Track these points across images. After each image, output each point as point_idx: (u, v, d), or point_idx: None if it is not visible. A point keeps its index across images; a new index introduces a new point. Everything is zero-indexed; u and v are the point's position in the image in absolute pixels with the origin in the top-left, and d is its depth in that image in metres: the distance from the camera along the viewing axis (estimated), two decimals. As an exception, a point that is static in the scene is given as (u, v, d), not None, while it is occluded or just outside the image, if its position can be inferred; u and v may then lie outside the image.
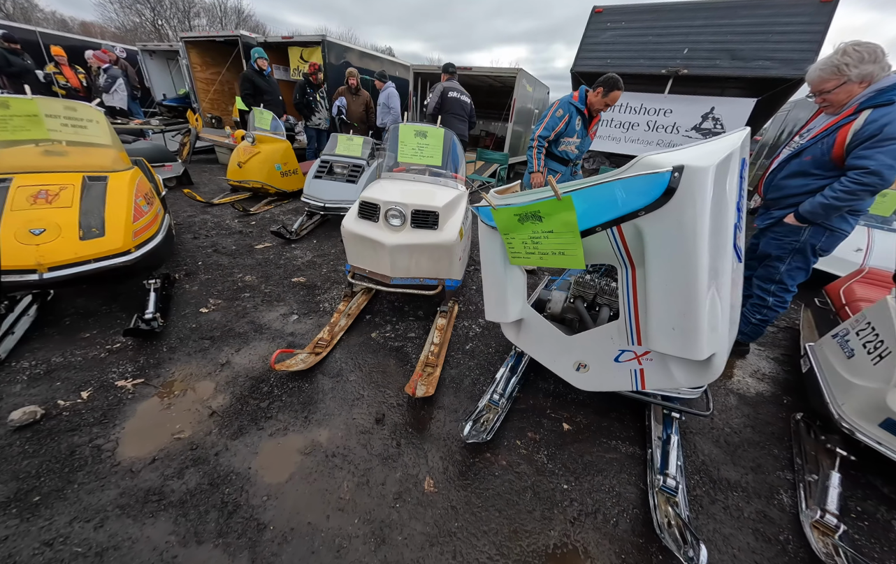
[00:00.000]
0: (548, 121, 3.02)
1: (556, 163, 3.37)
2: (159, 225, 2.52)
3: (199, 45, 9.50)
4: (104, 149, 2.54)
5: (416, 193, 2.38)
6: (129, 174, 2.50)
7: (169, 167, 5.30)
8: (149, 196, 2.60)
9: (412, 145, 2.68)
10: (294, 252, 3.64)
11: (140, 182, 2.55)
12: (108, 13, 31.63)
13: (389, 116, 6.64)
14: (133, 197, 2.34)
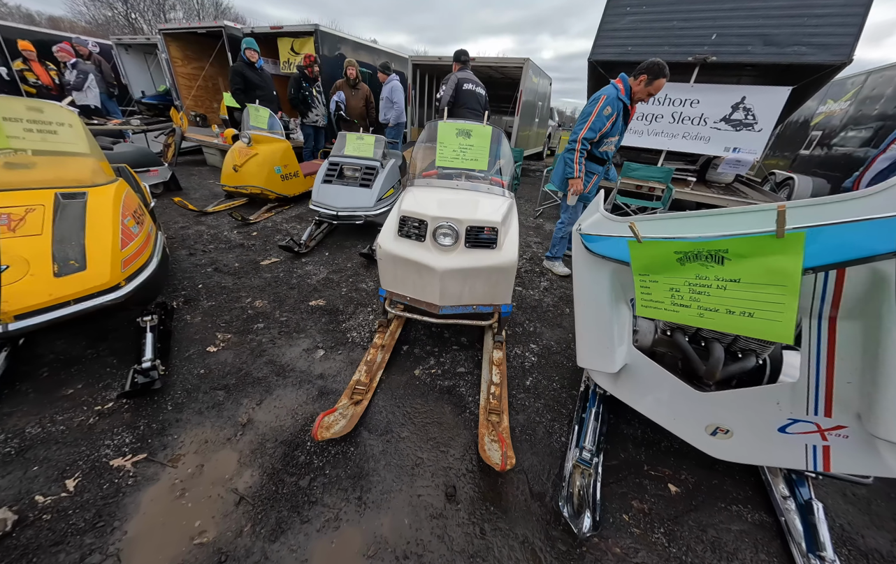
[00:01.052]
0: (593, 120, 2.67)
1: (594, 164, 3.04)
2: (153, 248, 2.10)
3: (180, 37, 8.85)
4: (80, 159, 2.09)
5: (464, 205, 2.01)
6: (113, 188, 2.06)
7: (155, 172, 4.79)
8: (138, 213, 2.17)
9: (453, 146, 2.30)
10: (306, 268, 3.23)
11: (127, 197, 2.13)
12: (77, 6, 30.02)
13: (393, 112, 6.21)
14: (120, 216, 1.92)
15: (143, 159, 4.64)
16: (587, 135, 2.69)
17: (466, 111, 4.41)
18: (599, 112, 2.65)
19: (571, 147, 2.75)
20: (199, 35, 8.68)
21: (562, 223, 3.31)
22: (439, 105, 4.17)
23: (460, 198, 2.11)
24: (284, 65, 7.95)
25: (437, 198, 2.10)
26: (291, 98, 5.95)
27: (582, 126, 2.70)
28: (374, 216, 3.50)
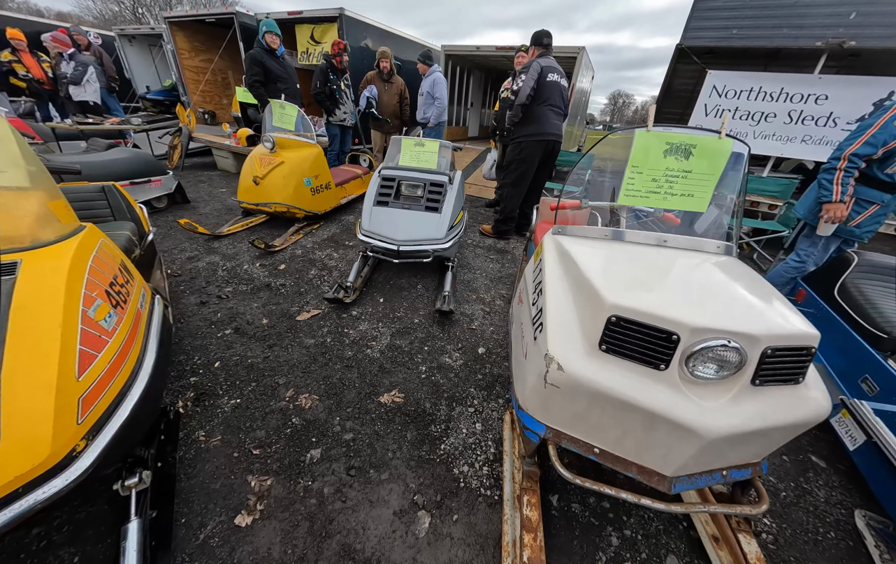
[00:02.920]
0: (876, 131, 1.79)
1: (875, 191, 2.08)
2: (140, 350, 1.22)
3: (187, 26, 8.03)
4: (10, 199, 1.20)
5: (726, 298, 1.06)
6: (72, 249, 1.17)
7: (157, 182, 3.94)
8: (118, 284, 1.29)
9: (658, 171, 1.36)
10: (360, 326, 2.34)
11: (98, 261, 1.24)
12: (84, 1, 29.46)
13: (434, 109, 5.29)
14: (79, 307, 1.04)
15: (143, 167, 3.78)
16: (861, 150, 1.81)
17: (549, 110, 3.47)
18: (888, 122, 1.76)
19: (832, 165, 1.89)
20: (207, 24, 7.86)
21: (795, 260, 2.45)
22: (515, 100, 3.24)
23: (702, 281, 1.18)
24: (303, 55, 7.08)
25: (668, 279, 1.18)
26: (316, 92, 5.06)
27: (855, 139, 1.84)
28: (444, 250, 2.60)
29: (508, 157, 3.68)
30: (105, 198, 2.31)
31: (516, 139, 3.55)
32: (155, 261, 2.54)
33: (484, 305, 2.71)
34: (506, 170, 3.74)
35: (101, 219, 2.30)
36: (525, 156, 3.58)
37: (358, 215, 4.57)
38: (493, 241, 3.98)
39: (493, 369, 2.06)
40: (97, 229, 1.39)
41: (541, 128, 3.50)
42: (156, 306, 1.59)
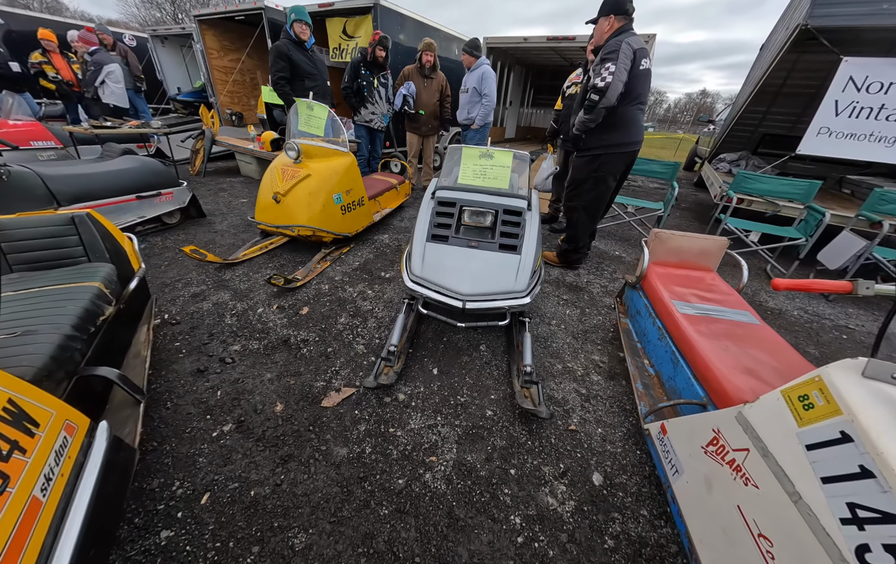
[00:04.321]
0: None
1: None
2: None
3: (216, 25, 7.67)
4: None
5: None
6: None
7: (168, 195, 3.42)
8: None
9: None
10: (410, 423, 1.63)
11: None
12: (129, 8, 30.82)
13: (480, 108, 4.56)
14: None
15: (151, 178, 3.26)
16: None
17: (638, 110, 2.62)
18: None
19: None
20: (236, 22, 7.47)
21: None
22: (599, 99, 2.40)
23: None
24: (335, 52, 6.50)
25: None
26: (345, 89, 4.43)
27: None
28: (524, 305, 1.84)
29: (579, 173, 2.84)
30: (76, 232, 1.73)
31: (591, 150, 2.69)
32: (145, 311, 1.95)
33: (577, 382, 1.94)
34: (575, 188, 2.91)
35: (71, 260, 1.72)
36: (603, 172, 2.73)
37: (395, 234, 3.93)
38: (560, 272, 3.19)
39: (629, 526, 1.29)
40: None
41: (628, 136, 2.64)
42: (95, 445, 0.94)
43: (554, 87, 10.52)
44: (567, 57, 8.51)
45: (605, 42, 2.47)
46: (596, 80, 2.30)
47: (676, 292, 1.84)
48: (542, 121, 11.80)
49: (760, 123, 6.85)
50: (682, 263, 2.09)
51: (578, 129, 2.58)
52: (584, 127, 2.54)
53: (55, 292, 1.47)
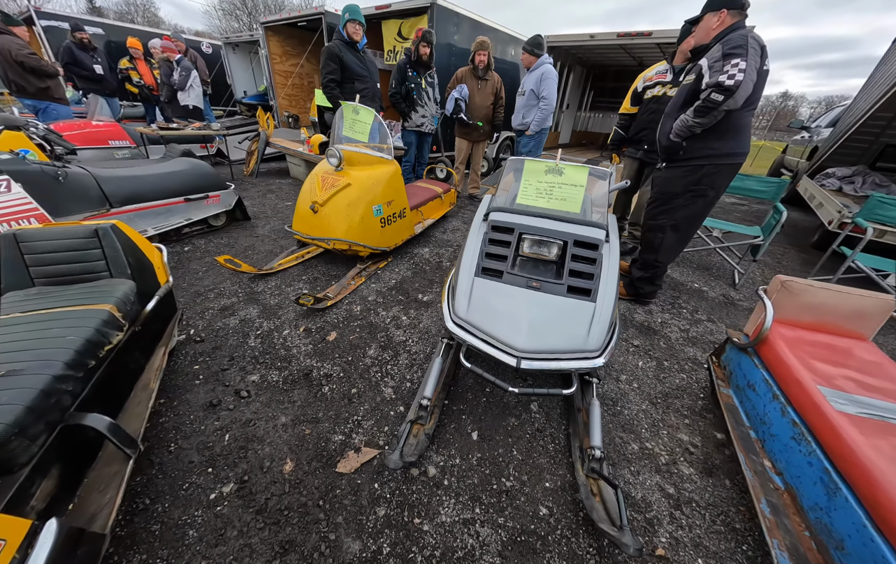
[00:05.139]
0: None
1: None
2: None
3: (280, 31, 7.97)
4: None
5: None
6: None
7: (215, 198, 3.41)
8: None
9: None
10: (441, 512, 1.29)
11: None
12: (213, 20, 34.06)
13: (538, 112, 4.12)
14: None
15: (199, 182, 3.25)
16: None
17: (752, 117, 2.13)
18: None
19: None
20: (298, 27, 7.71)
21: None
22: (722, 100, 1.87)
23: None
24: (389, 55, 6.39)
25: None
26: (392, 93, 4.21)
27: None
28: (596, 367, 1.41)
29: (671, 186, 2.32)
30: (99, 245, 1.60)
31: (692, 160, 2.20)
32: (167, 330, 1.80)
33: (661, 474, 1.47)
34: (664, 204, 2.39)
35: (93, 274, 1.60)
36: (705, 187, 2.23)
37: (436, 248, 3.55)
38: (627, 307, 2.68)
39: None
40: None
41: (739, 145, 2.15)
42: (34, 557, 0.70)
43: (617, 89, 9.66)
44: (636, 55, 7.71)
45: (712, 39, 2.03)
46: (720, 77, 1.82)
47: (821, 372, 1.31)
48: (599, 126, 10.93)
49: (883, 132, 5.62)
50: (822, 326, 1.53)
51: (679, 135, 2.11)
52: (689, 132, 2.07)
53: (63, 316, 1.32)
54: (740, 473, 1.43)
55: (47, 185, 2.32)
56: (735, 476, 1.48)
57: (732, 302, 2.89)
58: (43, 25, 7.47)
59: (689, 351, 2.25)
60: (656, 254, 2.51)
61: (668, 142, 2.22)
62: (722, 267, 3.52)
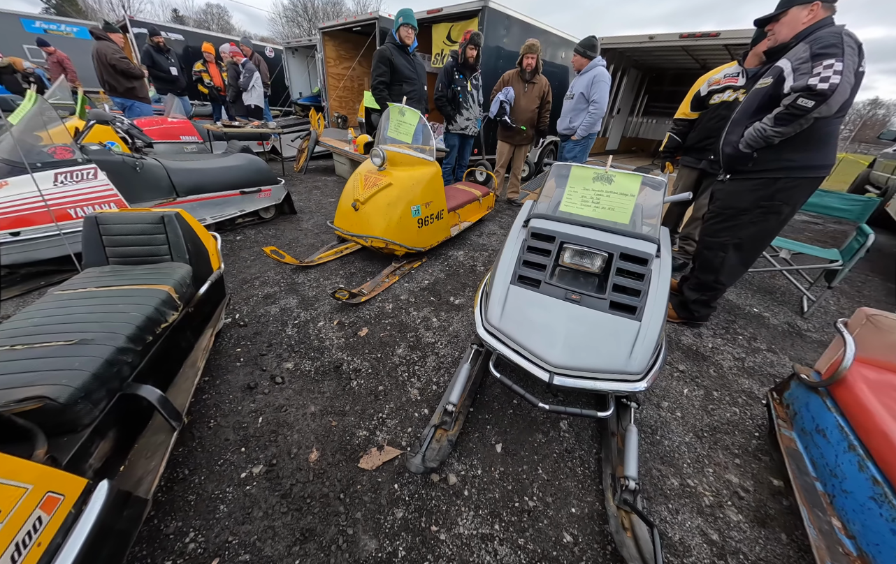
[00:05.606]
0: None
1: None
2: None
3: (335, 35, 8.36)
4: None
5: None
6: None
7: (267, 192, 3.63)
8: None
9: None
10: (459, 522, 1.26)
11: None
12: (277, 27, 36.61)
13: (585, 116, 3.95)
14: None
15: (255, 176, 3.49)
16: None
17: (839, 124, 1.88)
18: None
19: None
20: (353, 32, 8.04)
21: None
22: (812, 106, 1.64)
23: None
24: (437, 58, 6.46)
25: None
26: (438, 96, 4.24)
27: None
28: (636, 391, 1.31)
29: (738, 200, 2.10)
30: (164, 231, 1.76)
31: (766, 172, 1.96)
32: (216, 313, 1.94)
33: (703, 517, 1.33)
34: (728, 219, 2.17)
35: (156, 257, 1.76)
36: (779, 202, 1.99)
37: (471, 251, 3.50)
38: (674, 329, 2.47)
39: None
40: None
41: (823, 157, 1.91)
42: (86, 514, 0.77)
43: (675, 93, 9.05)
44: (700, 58, 7.18)
45: (793, 38, 1.82)
46: (811, 80, 1.62)
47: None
48: (651, 133, 10.30)
49: None
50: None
51: (752, 145, 1.89)
52: (766, 142, 1.84)
53: (129, 293, 1.46)
54: (801, 529, 1.26)
55: (127, 174, 2.59)
56: (794, 531, 1.31)
57: (799, 333, 2.57)
58: (135, 32, 8.42)
59: (744, 382, 2.03)
60: (716, 274, 2.29)
61: (734, 151, 2.01)
62: (788, 292, 3.15)
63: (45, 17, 10.55)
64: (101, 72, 4.87)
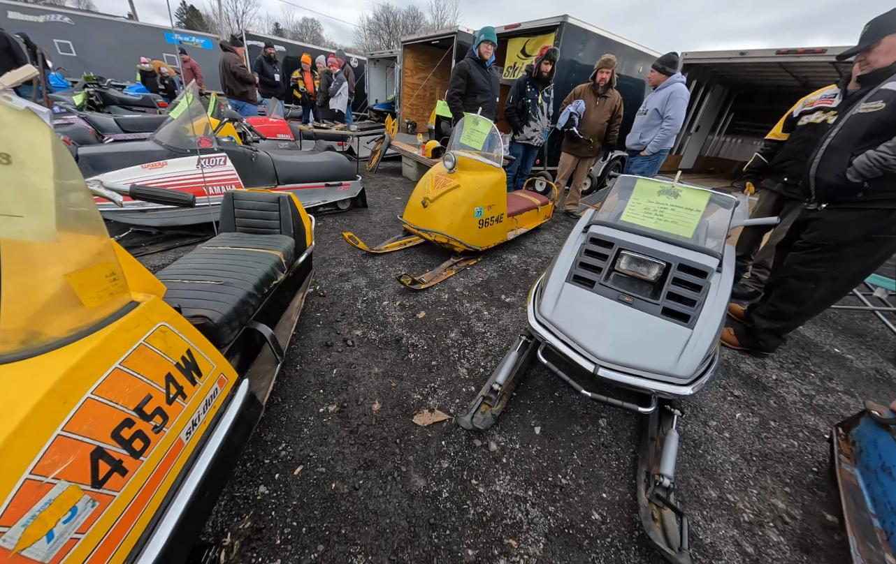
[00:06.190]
0: None
1: None
2: (158, 508, 0.67)
3: (416, 48, 8.97)
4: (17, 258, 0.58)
5: None
6: (63, 369, 0.59)
7: (346, 186, 4.11)
8: (145, 415, 0.75)
9: None
10: (497, 482, 1.42)
11: (118, 379, 0.70)
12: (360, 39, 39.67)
13: (657, 132, 3.88)
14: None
15: (339, 171, 3.97)
16: None
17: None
18: None
19: None
20: (431, 45, 8.57)
21: None
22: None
23: None
24: (508, 70, 6.68)
25: None
26: (508, 108, 4.43)
27: None
28: (681, 395, 1.37)
29: (842, 232, 1.91)
30: (278, 209, 2.17)
31: (879, 203, 1.81)
32: (304, 282, 2.33)
33: (740, 530, 1.34)
34: (828, 251, 2.00)
35: (269, 230, 2.17)
36: (891, 235, 1.84)
37: (524, 256, 3.70)
38: (734, 355, 2.37)
39: None
40: (157, 306, 0.89)
41: None
42: (235, 399, 1.09)
43: (767, 112, 8.22)
44: (800, 75, 6.48)
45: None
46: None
47: None
48: (735, 153, 9.41)
49: None
50: None
51: (866, 173, 1.75)
52: (885, 171, 1.70)
53: (252, 254, 1.86)
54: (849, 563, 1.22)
55: (244, 163, 3.16)
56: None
57: (888, 380, 2.31)
58: (248, 45, 9.84)
59: (809, 418, 1.91)
60: (799, 305, 2.15)
61: (840, 181, 1.87)
62: (883, 336, 2.81)
63: (180, 31, 12.72)
64: (224, 77, 5.85)
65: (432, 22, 37.06)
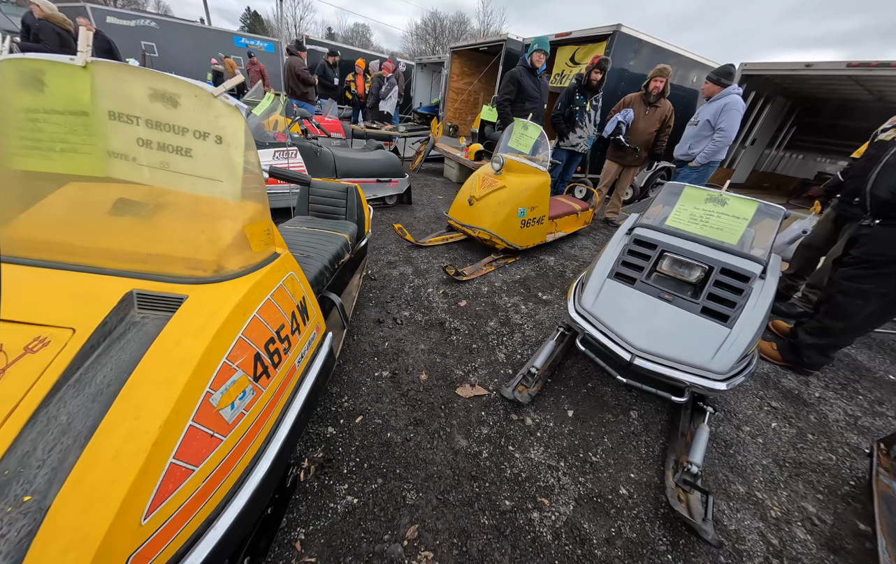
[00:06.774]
0: None
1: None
2: (275, 420, 0.93)
3: (463, 54, 9.23)
4: (214, 209, 0.89)
5: None
6: (243, 291, 0.86)
7: (395, 183, 4.40)
8: (280, 338, 0.99)
9: None
10: (531, 451, 1.57)
11: (269, 307, 0.94)
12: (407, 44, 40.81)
13: (708, 144, 3.83)
14: (201, 391, 0.71)
15: (390, 168, 4.27)
16: None
17: None
18: None
19: None
20: (479, 51, 8.79)
21: None
22: None
23: None
24: (556, 78, 6.75)
25: None
26: (556, 115, 4.54)
27: None
28: (714, 391, 1.46)
29: (892, 248, 1.91)
30: (345, 198, 2.46)
31: None
32: (361, 264, 2.59)
33: (766, 524, 1.41)
34: (879, 267, 1.96)
35: (336, 215, 2.46)
36: None
37: (561, 259, 3.84)
38: (775, 371, 2.35)
39: None
40: (289, 259, 1.16)
41: None
42: (323, 346, 1.33)
43: (835, 128, 7.66)
44: (874, 89, 6.02)
45: None
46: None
47: None
48: (795, 169, 8.82)
49: None
50: None
51: None
52: None
53: (324, 235, 2.13)
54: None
55: (310, 156, 3.52)
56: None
57: (951, 413, 2.19)
58: (308, 49, 10.55)
59: (851, 437, 1.89)
60: (847, 321, 2.12)
61: (891, 196, 1.89)
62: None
63: (247, 35, 13.83)
64: (288, 79, 6.39)
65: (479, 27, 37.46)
